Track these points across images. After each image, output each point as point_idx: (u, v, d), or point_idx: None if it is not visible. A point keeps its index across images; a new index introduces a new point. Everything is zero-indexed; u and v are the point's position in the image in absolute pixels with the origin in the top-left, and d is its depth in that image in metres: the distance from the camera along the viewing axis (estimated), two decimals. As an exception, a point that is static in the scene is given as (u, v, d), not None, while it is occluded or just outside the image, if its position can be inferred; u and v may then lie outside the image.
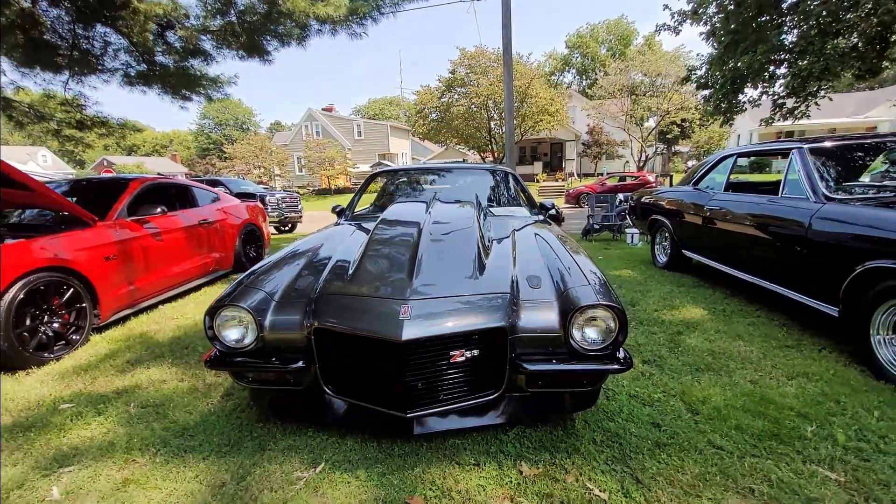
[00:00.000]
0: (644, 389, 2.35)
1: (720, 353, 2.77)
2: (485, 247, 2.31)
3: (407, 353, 1.58)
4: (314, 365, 1.76)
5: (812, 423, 2.00)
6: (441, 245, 2.19)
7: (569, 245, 2.41)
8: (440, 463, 1.79)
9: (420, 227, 2.40)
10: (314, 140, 32.15)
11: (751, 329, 3.13)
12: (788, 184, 3.26)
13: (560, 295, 1.81)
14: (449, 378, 1.70)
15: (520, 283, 1.92)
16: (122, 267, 3.65)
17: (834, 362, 2.59)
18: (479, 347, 1.68)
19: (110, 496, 1.66)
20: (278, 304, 1.86)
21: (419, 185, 4.09)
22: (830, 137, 3.33)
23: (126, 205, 3.94)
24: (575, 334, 1.70)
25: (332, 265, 2.17)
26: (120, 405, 2.37)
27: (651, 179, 19.83)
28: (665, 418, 2.08)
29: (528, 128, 25.58)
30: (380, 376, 1.70)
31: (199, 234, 4.76)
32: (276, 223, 13.09)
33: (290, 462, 1.82)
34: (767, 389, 2.30)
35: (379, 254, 2.14)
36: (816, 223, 2.80)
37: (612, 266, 5.50)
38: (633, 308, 3.66)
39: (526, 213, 3.38)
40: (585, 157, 31.79)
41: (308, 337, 1.74)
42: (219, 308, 1.82)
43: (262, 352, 1.80)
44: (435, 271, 1.90)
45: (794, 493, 1.59)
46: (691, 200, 4.52)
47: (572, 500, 1.57)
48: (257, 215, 6.14)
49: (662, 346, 2.88)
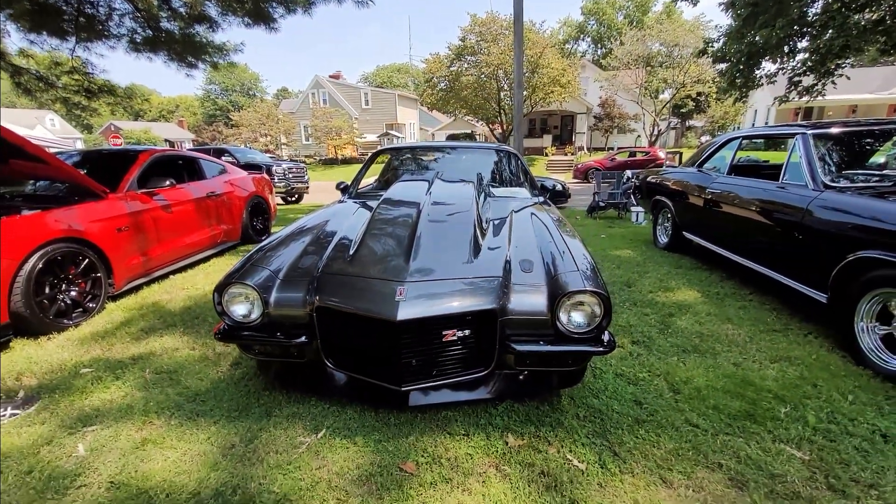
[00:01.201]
0: (630, 369, 2.46)
1: (708, 335, 2.86)
2: (481, 229, 2.39)
3: (402, 331, 1.69)
4: (316, 340, 1.88)
5: (787, 404, 2.11)
6: (439, 227, 2.27)
7: (564, 228, 2.48)
8: (432, 432, 1.92)
9: (420, 207, 2.48)
10: (321, 108, 31.75)
11: (741, 313, 3.21)
12: (790, 169, 3.27)
13: (550, 279, 1.89)
14: (442, 355, 1.81)
15: (512, 267, 2.01)
16: (133, 238, 3.78)
17: (818, 347, 2.67)
18: (471, 328, 1.78)
19: (131, 453, 1.83)
20: (283, 281, 1.97)
21: (423, 163, 4.13)
22: (837, 123, 3.30)
23: (136, 177, 4.03)
24: (562, 317, 1.79)
25: (335, 244, 2.26)
26: (136, 371, 2.53)
27: (661, 156, 19.51)
28: (647, 397, 2.20)
29: (538, 99, 25.02)
30: (377, 352, 1.82)
31: (207, 206, 4.86)
32: (283, 194, 13.16)
33: (294, 428, 1.97)
34: (749, 372, 2.41)
35: (379, 234, 2.23)
36: (813, 211, 2.83)
37: (613, 245, 5.56)
38: (628, 289, 3.75)
39: (526, 194, 3.42)
40: (596, 131, 31.19)
41: (310, 314, 1.86)
42: (227, 285, 1.93)
43: (268, 327, 1.92)
44: (432, 254, 1.99)
45: (759, 469, 1.70)
46: (694, 182, 4.52)
47: (552, 469, 1.70)
48: (264, 187, 6.22)
49: (653, 328, 2.98)
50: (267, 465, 1.75)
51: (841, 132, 3.21)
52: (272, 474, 1.69)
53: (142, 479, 1.68)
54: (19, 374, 2.52)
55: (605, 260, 4.74)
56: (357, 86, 38.05)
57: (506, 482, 1.65)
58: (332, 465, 1.74)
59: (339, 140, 30.38)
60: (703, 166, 4.62)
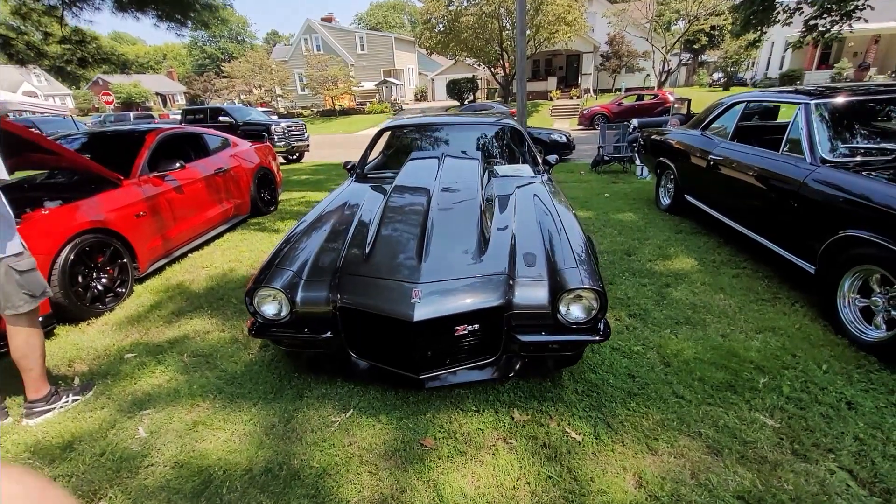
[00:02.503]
0: (626, 342, 2.69)
1: (701, 306, 3.06)
2: (488, 218, 2.53)
3: (418, 330, 1.89)
4: (340, 334, 2.09)
5: (766, 375, 2.34)
6: (448, 218, 2.41)
7: (563, 208, 2.62)
8: (448, 409, 2.18)
9: (430, 194, 2.63)
10: (315, 56, 30.46)
11: (734, 282, 3.38)
12: (790, 140, 3.30)
13: (551, 274, 2.06)
14: (454, 346, 2.02)
15: (517, 259, 2.17)
16: (151, 221, 3.94)
17: (802, 317, 2.87)
18: (480, 322, 1.98)
19: (186, 434, 2.10)
20: (307, 281, 2.15)
21: (428, 141, 4.17)
22: (845, 90, 3.28)
23: (146, 160, 4.12)
24: (562, 310, 1.97)
25: (350, 240, 2.42)
26: (175, 355, 2.79)
27: (671, 98, 18.85)
28: (640, 370, 2.43)
29: (542, 39, 23.81)
30: (395, 345, 2.03)
31: (216, 182, 4.96)
32: (284, 153, 13.06)
33: (325, 408, 2.23)
34: (735, 343, 2.62)
35: (392, 229, 2.38)
36: (808, 185, 2.92)
37: (615, 207, 5.65)
38: (628, 258, 3.91)
39: (529, 171, 3.50)
40: (604, 71, 29.91)
41: (333, 312, 2.05)
42: (255, 289, 2.11)
43: (295, 323, 2.13)
44: (442, 252, 2.14)
45: (733, 437, 1.95)
46: (697, 146, 4.53)
47: (553, 442, 1.96)
48: (268, 157, 6.25)
49: (649, 300, 3.17)
50: (305, 442, 2.02)
51: (847, 102, 3.20)
52: (311, 451, 1.97)
53: (200, 458, 1.96)
54: (70, 360, 2.79)
55: (607, 225, 4.87)
56: (351, 29, 36.24)
57: (512, 454, 1.91)
58: (361, 442, 2.01)
59: (336, 90, 29.44)
60: (707, 129, 4.61)
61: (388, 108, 29.16)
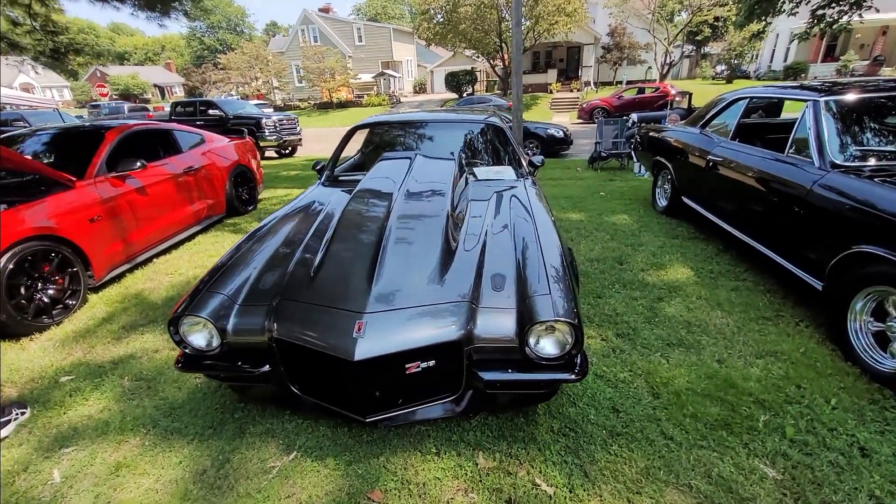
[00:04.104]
0: (612, 368, 2.42)
1: (696, 324, 2.79)
2: (456, 230, 2.25)
3: (360, 369, 1.62)
4: (279, 368, 1.83)
5: (767, 411, 2.07)
6: (408, 232, 2.13)
7: (543, 227, 2.31)
8: (404, 451, 1.92)
9: (392, 202, 2.35)
10: (311, 47, 29.96)
11: (733, 296, 3.11)
12: (797, 141, 3.01)
13: (520, 301, 1.78)
14: (406, 385, 1.76)
15: (483, 282, 1.90)
16: (109, 226, 3.66)
17: (807, 339, 2.60)
18: (436, 358, 1.71)
19: (104, 481, 1.85)
20: (242, 307, 1.88)
21: (405, 138, 3.89)
22: (857, 86, 2.98)
23: (104, 159, 3.84)
24: (531, 344, 1.71)
25: (300, 255, 2.15)
26: (115, 378, 2.53)
27: (672, 92, 18.45)
28: (625, 402, 2.17)
29: (542, 31, 23.31)
30: (338, 385, 1.77)
31: (186, 182, 4.68)
32: (275, 147, 12.78)
33: (267, 447, 1.97)
34: (732, 370, 2.35)
35: (344, 245, 2.10)
36: (816, 192, 2.63)
37: (609, 209, 5.36)
38: (619, 267, 3.63)
39: (511, 174, 3.21)
40: (604, 63, 29.38)
41: (270, 343, 1.79)
42: (179, 318, 1.84)
43: (228, 355, 1.87)
44: (397, 272, 1.87)
45: (728, 491, 1.69)
46: (695, 144, 4.24)
47: (519, 497, 1.70)
48: (247, 154, 5.97)
49: (640, 316, 2.90)
50: (237, 493, 1.76)
51: (860, 99, 2.90)
52: (242, 505, 1.71)
53: (114, 512, 1.71)
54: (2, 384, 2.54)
55: (600, 228, 4.59)
56: (349, 20, 35.65)
57: (472, 511, 1.66)
58: (302, 493, 1.75)
59: (333, 82, 28.98)
60: (706, 126, 4.31)
61: (385, 101, 28.71)
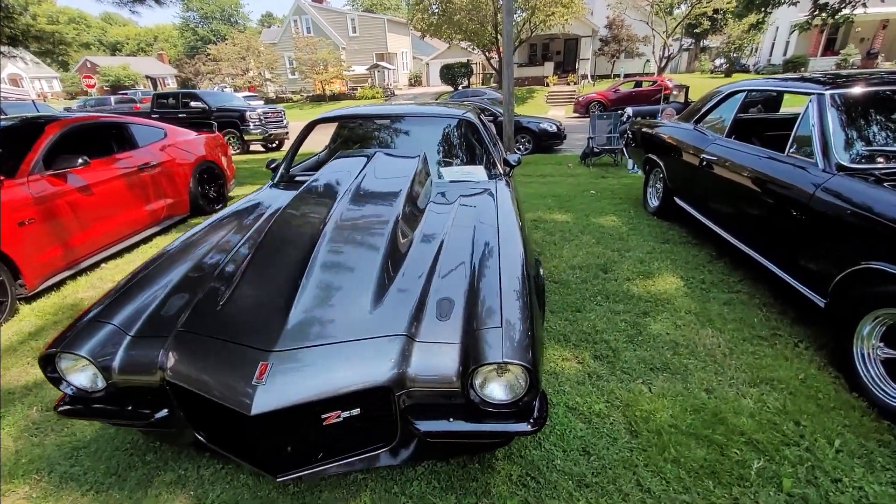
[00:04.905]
0: (586, 399, 2.13)
1: (684, 345, 2.49)
2: (406, 241, 1.94)
3: (260, 424, 1.32)
4: (179, 412, 1.52)
5: (761, 455, 1.78)
6: (344, 247, 1.82)
7: (507, 239, 2.00)
8: (334, 506, 1.63)
9: (331, 209, 2.03)
10: (304, 38, 29.36)
11: (726, 310, 2.81)
12: (799, 139, 2.71)
13: (467, 333, 1.48)
14: (326, 437, 1.46)
15: (427, 310, 1.59)
16: (44, 229, 3.34)
17: (807, 363, 2.31)
18: (361, 406, 1.41)
19: (-27, 546, 1.55)
20: (134, 339, 1.56)
21: (370, 133, 3.56)
22: (863, 79, 2.67)
23: (41, 155, 3.50)
24: (476, 386, 1.41)
25: (217, 274, 1.84)
26: (24, 408, 2.23)
27: (669, 85, 18.07)
28: (598, 443, 1.88)
29: (538, 22, 22.84)
30: (243, 437, 1.47)
31: (141, 181, 4.34)
32: (261, 141, 12.42)
33: (174, 502, 1.68)
34: (722, 402, 2.06)
35: (265, 263, 1.79)
36: (820, 198, 2.33)
37: (598, 209, 5.05)
38: (604, 276, 3.33)
39: (482, 174, 2.90)
40: (602, 56, 28.91)
41: (163, 384, 1.48)
42: (53, 356, 1.53)
43: (118, 397, 1.56)
44: (321, 299, 1.56)
45: (714, 565, 1.41)
46: (688, 142, 3.93)
47: (461, 572, 1.41)
48: (215, 149, 5.62)
49: (622, 334, 2.60)
50: (125, 565, 1.47)
51: (870, 92, 2.59)
52: (127, 581, 1.42)
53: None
54: None
55: (585, 231, 4.28)
56: (343, 10, 35.00)
57: (403, 591, 1.37)
58: (203, 565, 1.46)
59: (326, 74, 28.42)
60: (700, 122, 4.00)
61: (379, 94, 28.21)
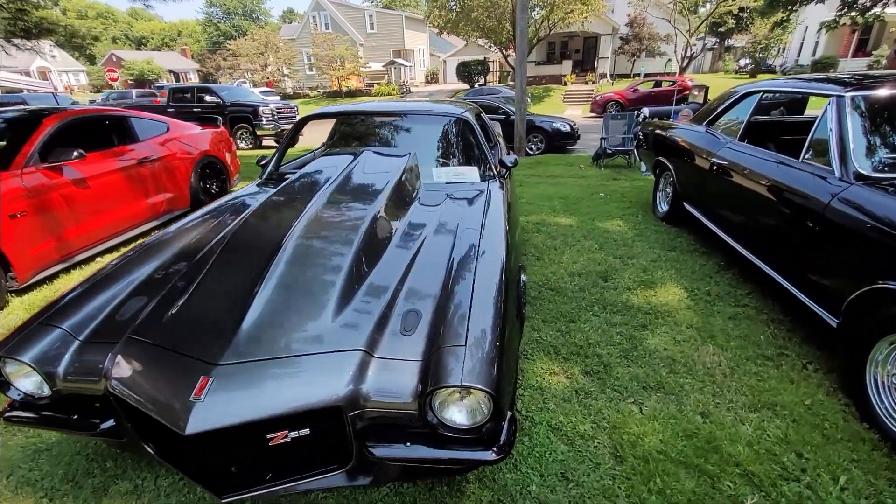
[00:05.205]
0: (571, 418, 1.99)
1: (682, 363, 2.34)
2: (371, 255, 1.80)
3: (198, 444, 1.23)
4: (126, 423, 1.45)
5: (756, 490, 1.63)
6: (309, 251, 1.72)
7: (491, 247, 1.87)
8: (290, 527, 1.54)
9: (301, 213, 1.93)
10: (321, 34, 29.51)
11: (731, 325, 2.64)
12: (815, 144, 2.52)
13: (429, 350, 1.37)
14: (276, 457, 1.37)
15: (391, 323, 1.48)
16: (37, 222, 3.33)
17: (815, 388, 2.13)
18: (311, 426, 1.31)
19: (-82, 552, 1.50)
20: (83, 344, 1.50)
21: (365, 130, 3.46)
22: (891, 80, 2.47)
23: (37, 148, 3.49)
24: (435, 409, 1.30)
25: (181, 276, 1.76)
26: None
27: (689, 84, 17.61)
28: (579, 468, 1.75)
29: (556, 19, 22.49)
30: (186, 455, 1.38)
31: (140, 175, 4.33)
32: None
33: (126, 514, 1.61)
34: (718, 428, 1.91)
35: (226, 266, 1.71)
36: (835, 208, 2.15)
37: (604, 212, 4.87)
38: (603, 284, 3.18)
39: (475, 175, 2.77)
40: (622, 55, 28.33)
41: (107, 393, 1.40)
42: (-4, 360, 1.47)
43: (65, 404, 1.49)
44: (279, 306, 1.47)
45: None
46: (699, 144, 3.73)
47: None
48: (219, 144, 5.60)
49: (616, 348, 2.46)
50: (65, 582, 1.40)
51: (893, 95, 2.39)
52: None
53: None
54: None
55: (589, 236, 4.12)
56: (361, 7, 35.03)
57: None
58: (145, 585, 1.38)
59: (343, 70, 28.52)
60: (713, 124, 3.80)
61: (395, 91, 28.21)
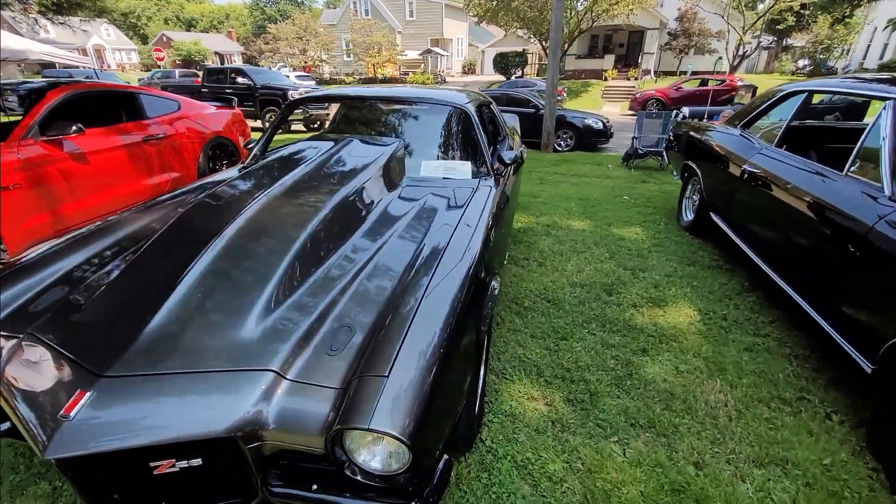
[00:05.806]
0: (541, 454, 1.75)
1: (681, 398, 2.04)
2: (317, 255, 1.59)
3: (69, 466, 1.07)
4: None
5: (747, 570, 1.35)
6: (245, 250, 1.54)
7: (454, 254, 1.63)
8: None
9: (250, 202, 1.76)
10: (360, 21, 29.51)
11: (746, 358, 2.30)
12: (863, 155, 2.14)
13: (349, 376, 1.16)
14: (165, 487, 1.19)
15: (318, 338, 1.28)
16: (31, 195, 3.31)
17: (838, 444, 1.80)
18: (202, 456, 1.13)
19: None
20: None
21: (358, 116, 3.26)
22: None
23: (38, 120, 3.47)
24: (347, 449, 1.09)
25: (101, 272, 1.61)
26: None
27: (738, 84, 16.53)
28: (539, 517, 1.51)
29: (601, 11, 21.59)
30: None
31: (145, 152, 4.29)
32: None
33: (34, 519, 1.49)
34: (712, 484, 1.62)
35: (152, 260, 1.55)
36: (880, 232, 1.79)
37: (624, 218, 4.51)
38: (606, 298, 2.88)
39: (467, 173, 2.52)
40: (668, 51, 26.98)
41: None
42: None
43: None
44: (193, 310, 1.30)
45: None
46: (731, 149, 3.34)
47: None
48: (232, 126, 5.54)
49: (608, 375, 2.18)
50: None
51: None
52: None
53: None
54: None
55: (601, 243, 3.79)
56: (402, -6, 34.82)
57: None
58: None
59: (379, 57, 28.47)
60: (749, 127, 3.39)
61: (430, 80, 27.94)
